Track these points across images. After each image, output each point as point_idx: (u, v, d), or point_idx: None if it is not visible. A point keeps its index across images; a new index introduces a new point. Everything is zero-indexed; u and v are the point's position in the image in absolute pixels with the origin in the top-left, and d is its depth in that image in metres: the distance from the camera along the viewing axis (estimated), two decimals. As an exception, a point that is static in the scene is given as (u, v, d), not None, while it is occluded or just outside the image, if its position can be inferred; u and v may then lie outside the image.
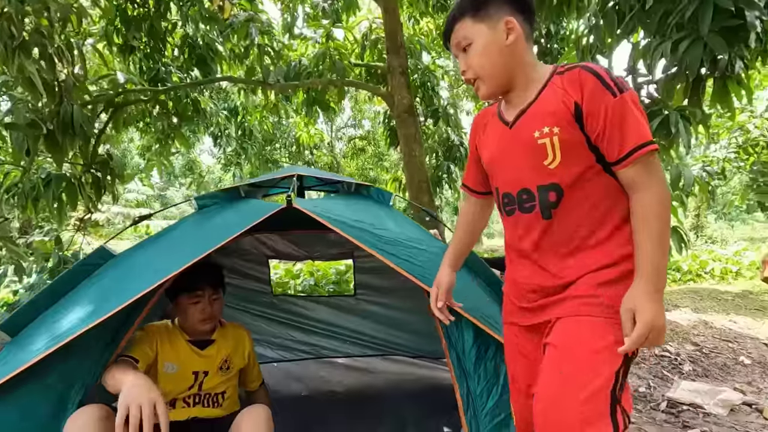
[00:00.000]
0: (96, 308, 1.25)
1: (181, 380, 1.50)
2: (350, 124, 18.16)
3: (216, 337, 1.61)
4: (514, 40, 0.99)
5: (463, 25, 1.03)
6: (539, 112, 0.99)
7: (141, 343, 1.43)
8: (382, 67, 5.44)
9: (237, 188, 1.73)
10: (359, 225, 1.44)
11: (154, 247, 1.45)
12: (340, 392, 2.48)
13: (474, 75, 1.04)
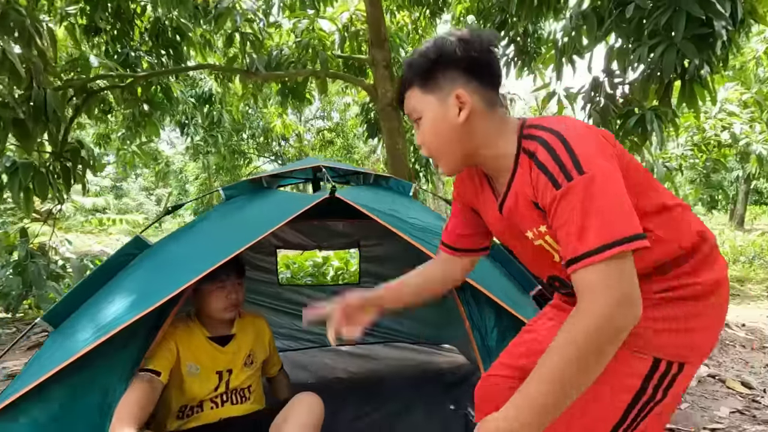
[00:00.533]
0: (138, 300, 1.26)
1: (206, 381, 1.47)
2: (319, 115, 17.95)
3: (236, 331, 1.57)
4: (467, 116, 0.86)
5: (412, 94, 0.90)
6: (519, 207, 0.89)
7: (160, 348, 1.38)
8: (364, 59, 5.45)
9: (260, 179, 1.74)
10: (394, 214, 1.51)
11: (190, 239, 1.45)
12: (345, 379, 2.55)
13: (428, 152, 0.93)
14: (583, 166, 0.74)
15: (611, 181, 0.75)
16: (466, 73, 0.86)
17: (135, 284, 1.33)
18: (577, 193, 0.73)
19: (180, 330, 1.47)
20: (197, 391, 1.45)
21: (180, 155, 17.43)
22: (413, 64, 0.89)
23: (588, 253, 0.72)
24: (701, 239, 0.88)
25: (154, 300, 1.22)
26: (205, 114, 9.45)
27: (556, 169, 0.76)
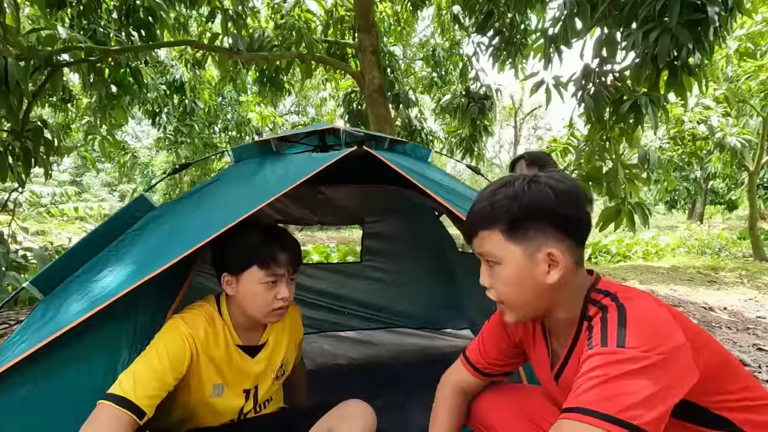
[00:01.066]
0: (141, 266, 1.09)
1: (229, 404, 1.18)
2: (293, 110, 17.59)
3: (268, 337, 1.26)
4: (559, 278, 0.78)
5: (491, 237, 0.81)
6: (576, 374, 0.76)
7: (166, 354, 1.02)
8: (351, 44, 5.32)
9: (269, 142, 1.59)
10: (424, 175, 1.40)
11: (201, 201, 1.29)
12: (345, 365, 2.44)
13: (498, 299, 0.85)
14: (628, 340, 0.68)
15: (654, 369, 0.65)
16: (559, 230, 0.78)
17: (138, 248, 1.16)
18: (603, 359, 0.67)
19: (201, 333, 1.10)
20: (217, 416, 1.18)
21: (146, 149, 16.64)
22: (498, 206, 0.80)
23: (589, 411, 0.64)
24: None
25: (160, 264, 1.06)
26: (177, 103, 9.03)
27: (597, 334, 0.73)
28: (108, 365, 1.08)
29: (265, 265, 1.10)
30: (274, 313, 1.15)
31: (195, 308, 1.16)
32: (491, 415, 1.04)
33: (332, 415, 1.18)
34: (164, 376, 1.01)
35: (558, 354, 0.89)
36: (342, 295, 2.51)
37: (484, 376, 1.05)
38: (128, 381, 0.97)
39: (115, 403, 0.94)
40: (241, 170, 1.41)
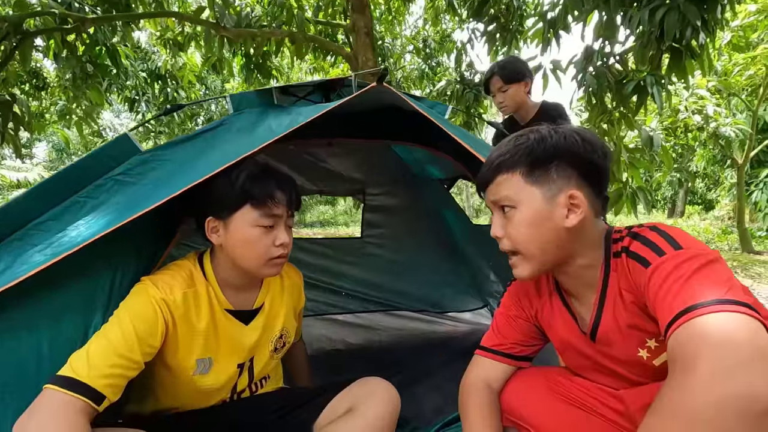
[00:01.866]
0: (123, 213, 0.91)
1: (218, 382, 1.00)
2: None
3: (263, 301, 1.08)
4: (578, 222, 0.75)
5: (510, 179, 0.78)
6: (621, 328, 0.77)
7: (127, 339, 0.83)
8: (344, 25, 5.15)
9: (271, 91, 1.42)
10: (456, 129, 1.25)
11: (198, 148, 1.11)
12: (344, 350, 2.28)
13: (512, 248, 0.80)
14: (680, 243, 0.67)
15: (719, 261, 0.64)
16: (582, 177, 0.77)
17: (120, 196, 0.97)
18: (673, 261, 0.65)
19: (178, 294, 0.92)
20: (205, 396, 1.01)
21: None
22: (522, 147, 0.78)
23: (697, 306, 0.57)
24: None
25: (143, 208, 0.88)
26: (158, 92, 8.68)
27: (647, 251, 0.70)
28: (77, 332, 0.89)
29: (262, 203, 0.94)
30: (272, 263, 0.97)
31: (170, 268, 0.98)
32: (521, 403, 0.93)
33: (351, 392, 1.03)
34: (129, 352, 0.83)
35: (583, 312, 0.84)
36: (340, 272, 2.35)
37: (509, 358, 0.96)
38: (81, 360, 0.79)
39: (63, 386, 0.76)
40: (242, 119, 1.24)
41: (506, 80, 1.92)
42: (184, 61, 8.23)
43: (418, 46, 8.59)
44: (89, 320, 0.90)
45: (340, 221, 17.30)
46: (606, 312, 0.79)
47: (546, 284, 0.93)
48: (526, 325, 0.96)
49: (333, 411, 1.01)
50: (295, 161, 2.00)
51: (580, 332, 0.85)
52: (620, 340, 0.78)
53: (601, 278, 0.79)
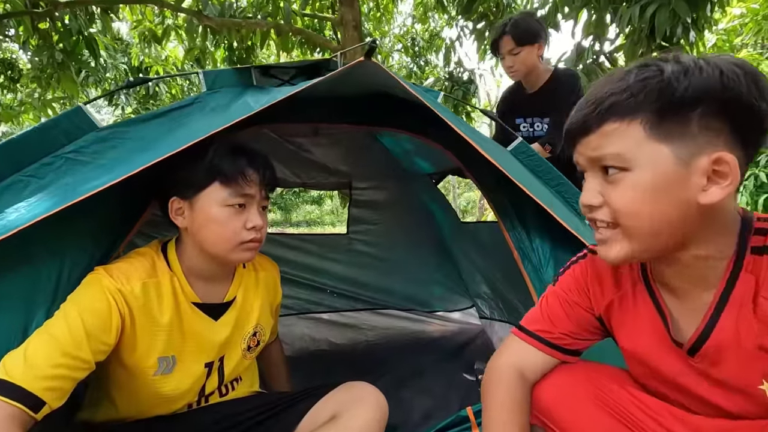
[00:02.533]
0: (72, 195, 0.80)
1: (182, 383, 0.90)
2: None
3: (235, 294, 0.99)
4: (719, 198, 0.54)
5: (625, 131, 0.56)
6: (747, 342, 0.59)
7: (74, 334, 0.74)
8: (332, 18, 5.04)
9: (249, 70, 1.31)
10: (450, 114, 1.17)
11: (165, 126, 1.00)
12: (329, 351, 2.19)
13: (613, 219, 0.60)
14: None
15: None
16: (737, 133, 0.54)
17: (71, 177, 0.86)
18: None
19: (136, 284, 0.83)
20: (168, 401, 0.90)
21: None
22: (652, 82, 0.54)
23: None
24: None
25: (96, 187, 0.78)
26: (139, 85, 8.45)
27: None
28: (14, 331, 0.77)
29: (232, 180, 0.86)
30: (243, 248, 0.89)
31: (130, 256, 0.89)
32: (556, 404, 0.76)
33: (334, 398, 0.93)
34: (77, 350, 0.73)
35: (683, 316, 0.65)
36: (325, 269, 2.24)
37: (554, 349, 0.78)
38: (16, 360, 0.69)
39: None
40: (217, 98, 1.13)
41: (518, 41, 1.76)
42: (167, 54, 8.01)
43: (407, 44, 8.55)
44: (30, 317, 0.78)
45: (327, 221, 17.14)
46: (725, 321, 0.60)
47: (629, 271, 0.73)
48: (586, 317, 0.77)
49: (315, 419, 0.92)
50: (276, 150, 1.89)
51: (671, 341, 0.66)
52: (736, 362, 0.60)
53: (726, 276, 0.59)
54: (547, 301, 0.81)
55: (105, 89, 8.21)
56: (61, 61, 4.60)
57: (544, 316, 0.80)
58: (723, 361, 0.61)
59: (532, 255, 1.26)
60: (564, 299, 0.78)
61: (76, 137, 0.92)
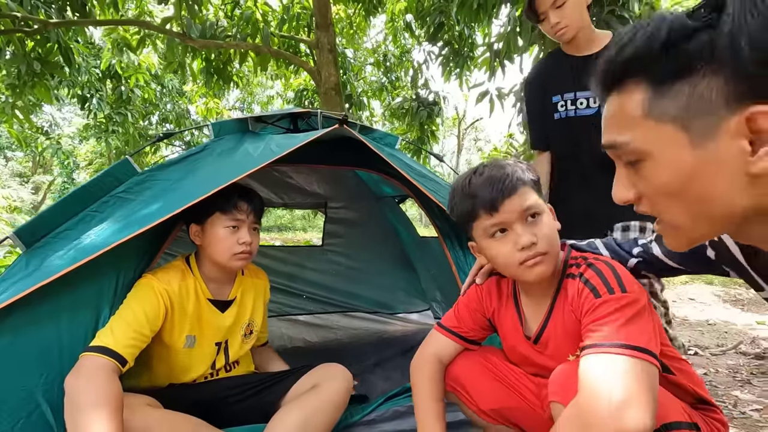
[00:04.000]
0: (127, 225, 1.13)
1: (204, 356, 1.27)
2: (238, 106, 17.04)
3: (236, 294, 1.36)
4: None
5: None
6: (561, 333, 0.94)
7: (142, 308, 1.11)
8: (308, 41, 5.36)
9: (246, 120, 1.66)
10: (395, 156, 1.54)
11: (186, 170, 1.32)
12: (305, 347, 2.51)
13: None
14: (626, 287, 0.80)
15: (647, 309, 0.79)
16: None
17: (123, 210, 1.18)
18: (616, 303, 0.78)
19: (175, 285, 1.20)
20: (193, 368, 1.25)
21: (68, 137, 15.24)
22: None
23: (616, 344, 0.72)
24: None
25: (146, 224, 1.11)
26: (112, 89, 8.44)
27: (600, 284, 0.82)
28: (89, 321, 1.09)
29: (227, 210, 1.24)
30: (237, 258, 1.25)
31: (167, 266, 1.27)
32: (461, 374, 1.09)
33: (314, 374, 1.29)
34: (140, 328, 1.10)
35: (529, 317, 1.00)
36: (302, 277, 2.58)
37: (462, 339, 1.10)
38: (107, 334, 1.05)
39: (98, 352, 1.01)
40: (223, 145, 1.46)
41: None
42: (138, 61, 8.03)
43: (379, 60, 8.93)
44: (99, 313, 1.11)
45: (298, 226, 17.28)
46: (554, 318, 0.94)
47: (506, 287, 1.06)
48: (482, 319, 1.10)
49: (300, 388, 1.27)
50: (263, 177, 2.22)
51: (524, 335, 1.00)
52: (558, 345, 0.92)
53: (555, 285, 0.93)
54: (458, 306, 1.14)
55: (76, 93, 8.18)
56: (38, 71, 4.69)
57: (455, 317, 1.12)
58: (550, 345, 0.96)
59: (466, 268, 1.66)
60: (468, 306, 1.11)
61: (123, 180, 1.24)
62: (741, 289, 4.68)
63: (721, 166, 0.47)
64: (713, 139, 0.46)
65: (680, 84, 0.47)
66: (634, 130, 0.51)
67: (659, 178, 0.51)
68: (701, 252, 0.78)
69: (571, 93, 1.58)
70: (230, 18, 5.12)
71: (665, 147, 0.49)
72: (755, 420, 1.71)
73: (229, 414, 1.24)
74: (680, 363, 0.97)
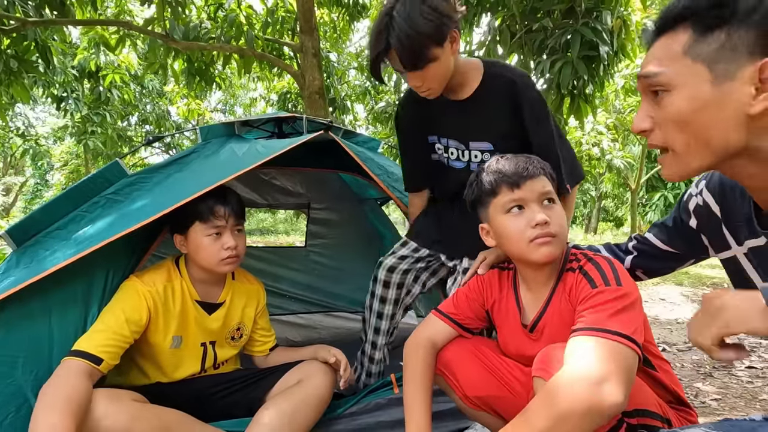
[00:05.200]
0: (118, 224, 1.16)
1: (188, 356, 1.28)
2: (220, 108, 16.87)
3: (226, 297, 1.35)
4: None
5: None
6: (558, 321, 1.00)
7: (123, 309, 1.12)
8: (293, 44, 5.40)
9: (233, 124, 1.70)
10: (375, 161, 1.61)
11: (175, 172, 1.36)
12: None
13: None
14: (622, 281, 0.85)
15: (638, 304, 0.85)
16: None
17: (113, 210, 1.21)
18: (610, 294, 0.83)
19: (160, 287, 1.20)
20: (182, 367, 1.27)
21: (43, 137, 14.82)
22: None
23: (604, 329, 0.77)
24: None
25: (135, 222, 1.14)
26: (90, 90, 8.29)
27: (597, 276, 0.87)
28: (79, 318, 1.12)
29: (206, 219, 1.22)
30: (224, 263, 1.25)
31: (154, 268, 1.28)
32: (452, 359, 1.12)
33: (300, 369, 1.33)
34: (120, 330, 1.10)
35: (526, 306, 1.04)
36: (285, 277, 2.62)
37: (458, 326, 1.13)
38: (85, 338, 1.07)
39: (73, 356, 1.03)
40: (210, 148, 1.50)
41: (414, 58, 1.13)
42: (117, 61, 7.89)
43: (362, 64, 9.00)
44: (88, 309, 1.14)
45: (281, 229, 17.17)
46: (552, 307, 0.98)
47: (507, 280, 1.11)
48: (479, 309, 1.13)
49: (286, 382, 1.31)
50: (247, 178, 2.26)
51: (521, 325, 1.04)
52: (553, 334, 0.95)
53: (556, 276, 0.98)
54: (457, 295, 1.17)
55: (51, 93, 8.01)
56: (15, 69, 4.60)
57: (453, 304, 1.15)
58: (545, 333, 0.99)
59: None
60: (468, 295, 1.15)
61: (114, 182, 1.27)
62: (708, 289, 4.91)
63: (729, 104, 0.58)
64: (731, 80, 0.57)
65: (719, 32, 0.58)
66: (671, 64, 0.61)
67: (677, 106, 0.61)
68: (686, 222, 0.89)
69: (445, 139, 1.40)
70: (214, 20, 5.12)
71: (691, 80, 0.60)
72: (714, 408, 1.83)
73: (215, 409, 1.28)
74: (662, 362, 1.04)
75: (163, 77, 5.93)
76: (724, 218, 0.79)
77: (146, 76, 8.76)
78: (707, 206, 0.83)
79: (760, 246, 0.72)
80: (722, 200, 0.80)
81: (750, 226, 0.73)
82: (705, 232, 0.86)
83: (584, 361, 0.74)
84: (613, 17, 3.62)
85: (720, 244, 0.82)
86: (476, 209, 1.06)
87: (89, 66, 7.30)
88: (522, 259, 1.01)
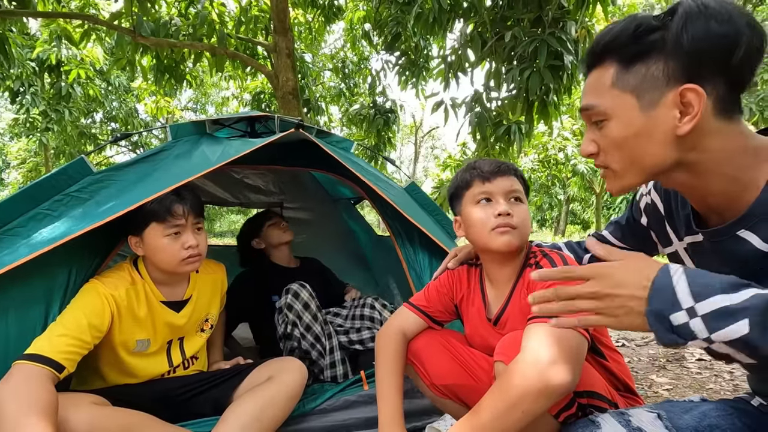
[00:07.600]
0: (82, 222, 1.14)
1: (156, 358, 1.26)
2: (191, 107, 16.44)
3: (192, 293, 1.33)
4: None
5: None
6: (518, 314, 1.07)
7: (85, 314, 1.07)
8: (266, 44, 5.35)
9: (204, 123, 1.69)
10: (350, 158, 1.63)
11: (144, 171, 1.34)
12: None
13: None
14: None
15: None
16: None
17: (78, 209, 1.18)
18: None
19: (122, 290, 1.16)
20: (148, 369, 1.25)
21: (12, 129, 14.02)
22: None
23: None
24: None
25: (98, 219, 1.12)
26: (49, 84, 7.91)
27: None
28: (38, 317, 1.09)
29: (163, 219, 1.17)
30: (186, 263, 1.21)
31: (113, 271, 1.23)
32: (421, 349, 1.16)
33: (269, 366, 1.33)
34: (81, 334, 1.06)
35: (491, 301, 1.10)
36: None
37: (429, 319, 1.19)
38: (42, 341, 1.02)
39: (31, 360, 0.97)
40: (180, 147, 1.49)
41: None
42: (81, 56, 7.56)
43: (337, 66, 8.98)
44: (49, 310, 1.10)
45: (253, 231, 16.86)
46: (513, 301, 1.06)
47: (475, 275, 1.18)
48: (449, 303, 1.20)
49: (254, 379, 1.30)
50: (219, 177, 2.24)
51: (486, 318, 1.11)
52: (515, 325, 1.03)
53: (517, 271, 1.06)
54: (428, 289, 1.23)
55: (8, 87, 7.62)
56: (-30, 63, 4.37)
57: (425, 297, 1.21)
58: (507, 325, 1.06)
59: (416, 265, 1.77)
60: (438, 289, 1.21)
61: (77, 180, 1.24)
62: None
63: (658, 127, 0.65)
64: (657, 107, 0.64)
65: (640, 64, 0.65)
66: (603, 96, 0.69)
67: (614, 133, 0.68)
68: (638, 220, 0.97)
69: None
70: (185, 17, 5.01)
71: (622, 110, 0.67)
72: (666, 398, 1.95)
73: (182, 409, 1.26)
74: (614, 354, 1.12)
75: (130, 73, 5.74)
76: (667, 216, 0.87)
77: (112, 71, 8.45)
78: (654, 205, 0.91)
79: (698, 242, 0.79)
80: (666, 200, 0.88)
81: (688, 224, 0.80)
82: (654, 229, 0.94)
83: (535, 347, 0.81)
84: (578, 27, 3.78)
85: (665, 239, 0.90)
86: (453, 204, 1.13)
87: (50, 59, 6.98)
88: (485, 248, 1.07)
